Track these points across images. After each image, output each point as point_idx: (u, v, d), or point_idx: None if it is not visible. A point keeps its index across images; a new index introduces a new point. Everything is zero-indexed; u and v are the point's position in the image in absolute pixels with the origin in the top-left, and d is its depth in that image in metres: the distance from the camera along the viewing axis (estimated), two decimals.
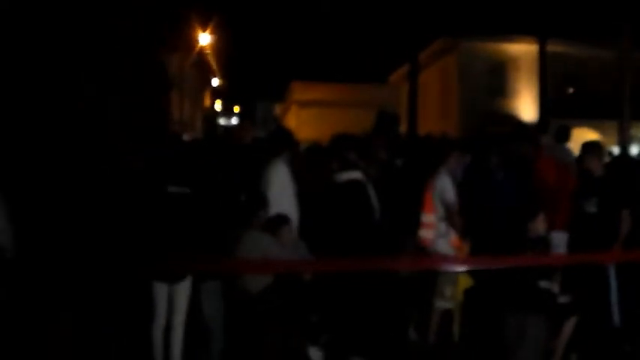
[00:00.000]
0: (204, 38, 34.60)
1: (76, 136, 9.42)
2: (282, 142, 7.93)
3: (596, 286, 7.24)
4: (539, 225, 7.15)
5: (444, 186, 7.75)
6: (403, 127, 33.76)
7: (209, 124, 40.59)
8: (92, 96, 13.91)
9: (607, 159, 12.83)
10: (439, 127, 29.36)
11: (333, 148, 8.18)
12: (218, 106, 55.51)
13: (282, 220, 6.97)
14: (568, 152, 10.42)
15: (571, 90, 33.16)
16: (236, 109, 64.41)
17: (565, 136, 10.73)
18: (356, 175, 7.46)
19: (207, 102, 48.86)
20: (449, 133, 23.70)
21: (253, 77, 59.31)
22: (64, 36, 12.90)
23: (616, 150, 22.26)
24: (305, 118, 41.67)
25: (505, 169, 8.26)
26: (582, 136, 27.23)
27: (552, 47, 27.82)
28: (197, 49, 34.61)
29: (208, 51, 37.03)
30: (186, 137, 28.78)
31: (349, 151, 7.74)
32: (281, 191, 7.33)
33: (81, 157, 7.81)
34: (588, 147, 8.10)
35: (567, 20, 29.14)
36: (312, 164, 8.64)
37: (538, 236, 7.13)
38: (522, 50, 31.58)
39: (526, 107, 31.65)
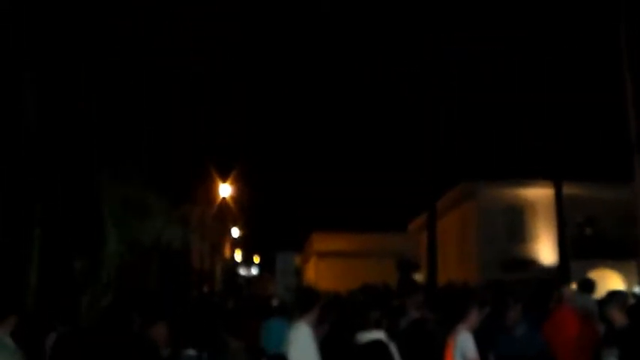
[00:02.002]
0: (225, 190, 35.09)
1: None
2: (306, 303, 7.81)
3: None
4: None
5: (466, 343, 7.57)
6: (423, 275, 33.89)
7: (229, 276, 40.62)
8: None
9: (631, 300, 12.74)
10: (459, 273, 29.66)
11: (355, 306, 8.18)
12: (238, 256, 55.67)
13: None
14: (592, 303, 10.39)
15: (589, 231, 33.09)
16: (256, 259, 64.63)
17: (590, 287, 10.75)
18: (378, 335, 7.34)
19: (227, 252, 49.10)
20: (468, 279, 23.77)
21: (273, 228, 59.80)
22: None
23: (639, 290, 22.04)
24: (325, 269, 42.36)
25: (526, 321, 8.20)
26: (604, 277, 27.09)
27: (568, 190, 27.94)
28: (218, 201, 35.06)
29: (229, 201, 37.48)
30: (205, 289, 28.94)
31: (372, 310, 7.69)
32: (304, 354, 7.25)
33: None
34: (610, 297, 8.02)
35: (581, 164, 29.52)
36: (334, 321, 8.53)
37: None
38: (539, 194, 31.64)
39: (545, 251, 31.49)
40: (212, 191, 34.36)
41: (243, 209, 43.57)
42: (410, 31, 29.69)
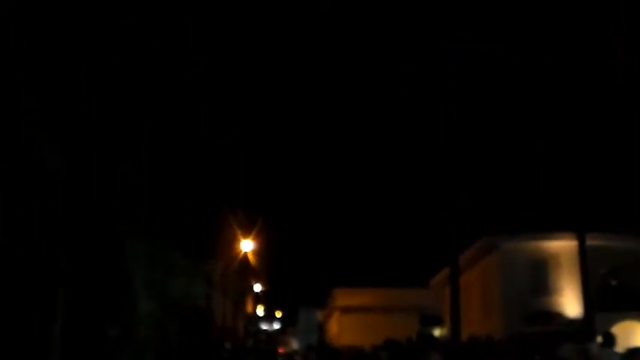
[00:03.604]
0: (247, 245, 35.12)
1: None
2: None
3: None
4: None
5: None
6: (447, 329, 33.53)
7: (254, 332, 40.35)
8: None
9: None
10: (482, 327, 29.16)
11: None
12: (260, 311, 55.35)
13: None
14: (615, 358, 10.31)
15: (614, 282, 32.72)
16: (278, 314, 64.24)
17: (611, 341, 10.69)
18: None
19: (249, 307, 48.85)
20: (492, 333, 23.57)
21: (295, 283, 59.64)
22: None
23: None
24: (347, 324, 42.47)
25: None
26: (630, 329, 26.75)
27: (592, 241, 27.65)
28: (240, 256, 35.04)
29: (250, 257, 37.40)
30: (227, 345, 28.81)
31: None
32: None
33: None
34: (631, 354, 8.01)
35: (604, 215, 29.37)
36: None
37: None
38: (562, 246, 31.32)
39: (570, 303, 31.06)
40: (234, 247, 34.38)
41: (265, 264, 43.51)
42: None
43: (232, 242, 33.88)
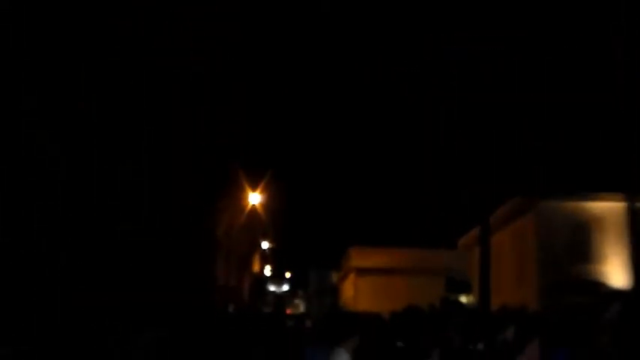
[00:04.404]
0: (255, 198, 34.31)
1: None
2: (346, 330, 7.22)
3: None
4: None
5: None
6: (475, 296, 31.68)
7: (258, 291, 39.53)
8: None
9: None
10: (516, 295, 27.93)
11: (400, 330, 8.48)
12: (268, 271, 54.49)
13: None
14: None
15: None
16: (287, 274, 63.64)
17: None
18: None
19: (256, 266, 47.67)
20: (527, 303, 21.11)
21: (307, 241, 57.74)
22: None
23: None
24: (364, 287, 42.16)
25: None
26: None
27: None
28: (247, 209, 33.49)
29: (258, 211, 35.99)
30: (231, 308, 27.27)
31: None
32: None
33: None
34: None
35: None
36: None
37: None
38: (608, 208, 29.64)
39: (615, 273, 29.23)
40: (240, 200, 32.84)
41: (274, 220, 42.69)
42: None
43: (238, 194, 32.00)
